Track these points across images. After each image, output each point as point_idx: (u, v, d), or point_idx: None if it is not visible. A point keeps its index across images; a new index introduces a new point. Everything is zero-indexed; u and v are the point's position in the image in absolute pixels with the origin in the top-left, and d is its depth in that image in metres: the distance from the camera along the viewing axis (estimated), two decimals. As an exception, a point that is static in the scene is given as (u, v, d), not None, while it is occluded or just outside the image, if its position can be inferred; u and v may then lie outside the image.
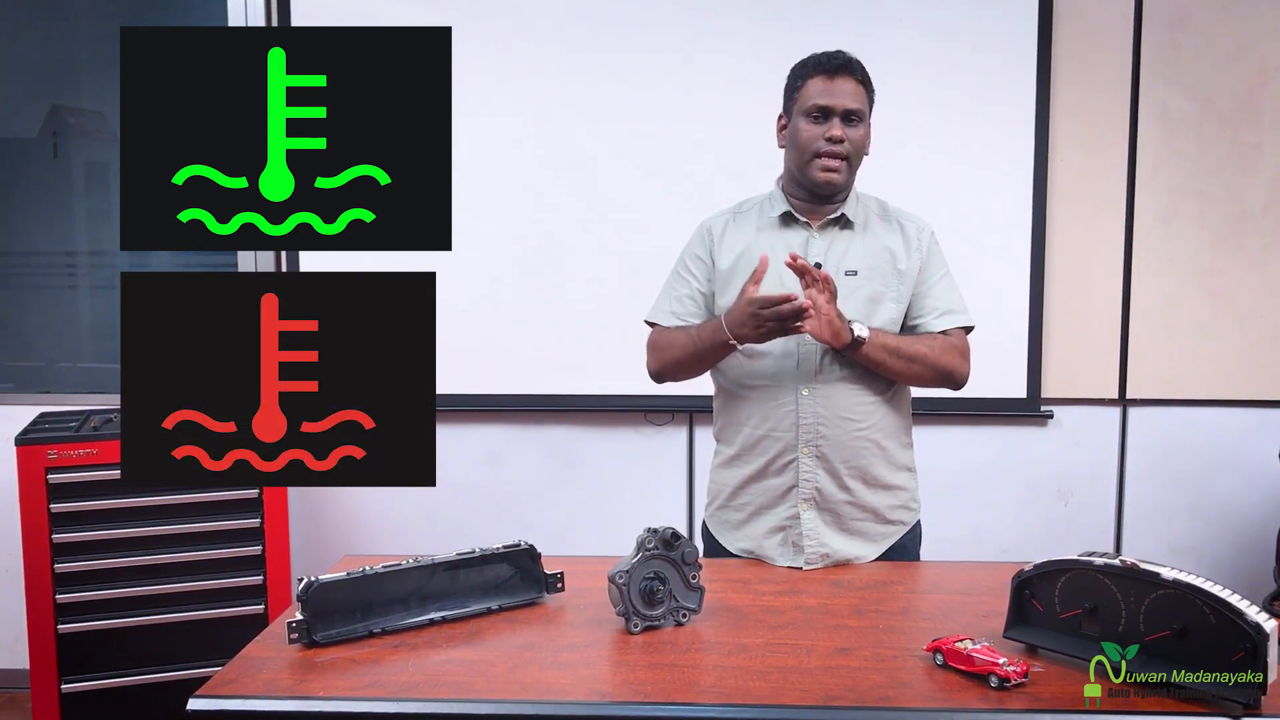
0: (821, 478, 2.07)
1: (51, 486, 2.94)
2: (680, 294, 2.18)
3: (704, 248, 2.18)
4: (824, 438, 2.06)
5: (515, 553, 1.84)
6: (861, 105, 2.07)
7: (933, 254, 2.16)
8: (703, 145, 3.45)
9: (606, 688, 1.51)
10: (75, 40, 3.81)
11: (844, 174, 2.07)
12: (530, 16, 3.44)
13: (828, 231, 2.12)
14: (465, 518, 3.59)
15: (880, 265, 2.11)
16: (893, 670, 1.52)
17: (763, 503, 2.11)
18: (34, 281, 3.81)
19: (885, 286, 2.10)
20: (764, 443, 2.09)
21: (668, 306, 2.19)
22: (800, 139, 2.07)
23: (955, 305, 2.17)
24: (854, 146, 2.07)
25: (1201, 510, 3.59)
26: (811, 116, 2.05)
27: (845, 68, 2.06)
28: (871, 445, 2.09)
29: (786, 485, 2.08)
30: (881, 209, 2.20)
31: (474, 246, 3.47)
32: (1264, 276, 3.47)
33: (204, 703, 1.44)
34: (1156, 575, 1.44)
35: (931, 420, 3.54)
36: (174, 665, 3.02)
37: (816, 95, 2.05)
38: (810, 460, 2.06)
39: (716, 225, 2.19)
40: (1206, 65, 3.42)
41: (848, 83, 2.05)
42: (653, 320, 2.21)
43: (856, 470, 2.08)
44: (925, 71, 3.42)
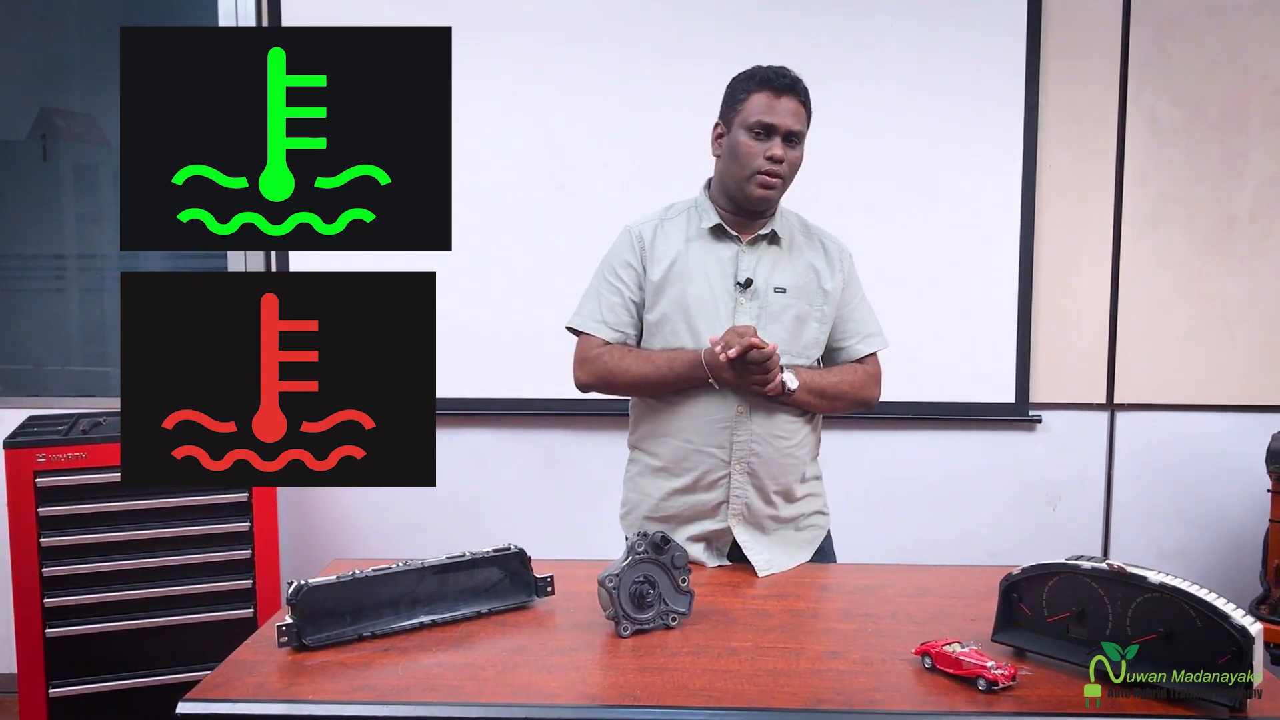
0: (751, 494, 2.09)
1: (40, 490, 2.93)
2: (612, 302, 2.15)
3: (635, 255, 2.15)
4: (756, 456, 2.07)
5: (505, 556, 1.84)
6: (802, 127, 2.07)
7: (851, 275, 2.20)
8: (696, 149, 3.43)
9: (596, 691, 1.51)
10: (65, 43, 3.80)
11: (779, 192, 2.08)
12: (528, 17, 3.44)
13: (757, 247, 2.12)
14: (455, 522, 3.59)
15: (806, 284, 2.12)
16: (881, 673, 1.53)
17: (690, 515, 2.12)
18: (23, 284, 3.80)
19: (811, 306, 2.12)
20: (694, 457, 2.08)
21: (598, 315, 2.15)
22: (740, 153, 2.06)
23: (874, 328, 2.21)
24: (790, 167, 2.07)
25: (1189, 514, 3.60)
26: (754, 132, 2.04)
27: (791, 88, 2.05)
28: (796, 463, 2.12)
29: (717, 500, 2.09)
30: (803, 225, 2.21)
31: (463, 249, 3.45)
32: (1251, 281, 3.49)
33: (193, 706, 1.44)
34: (1144, 579, 1.45)
35: (920, 425, 3.55)
36: (163, 669, 3.00)
37: (761, 111, 2.04)
38: (741, 478, 2.08)
39: (646, 232, 2.17)
40: (1194, 72, 3.45)
41: (792, 102, 2.04)
42: (581, 328, 2.17)
43: (782, 486, 2.10)
44: (914, 76, 3.43)
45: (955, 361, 3.52)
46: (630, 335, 2.15)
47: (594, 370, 2.14)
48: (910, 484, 3.58)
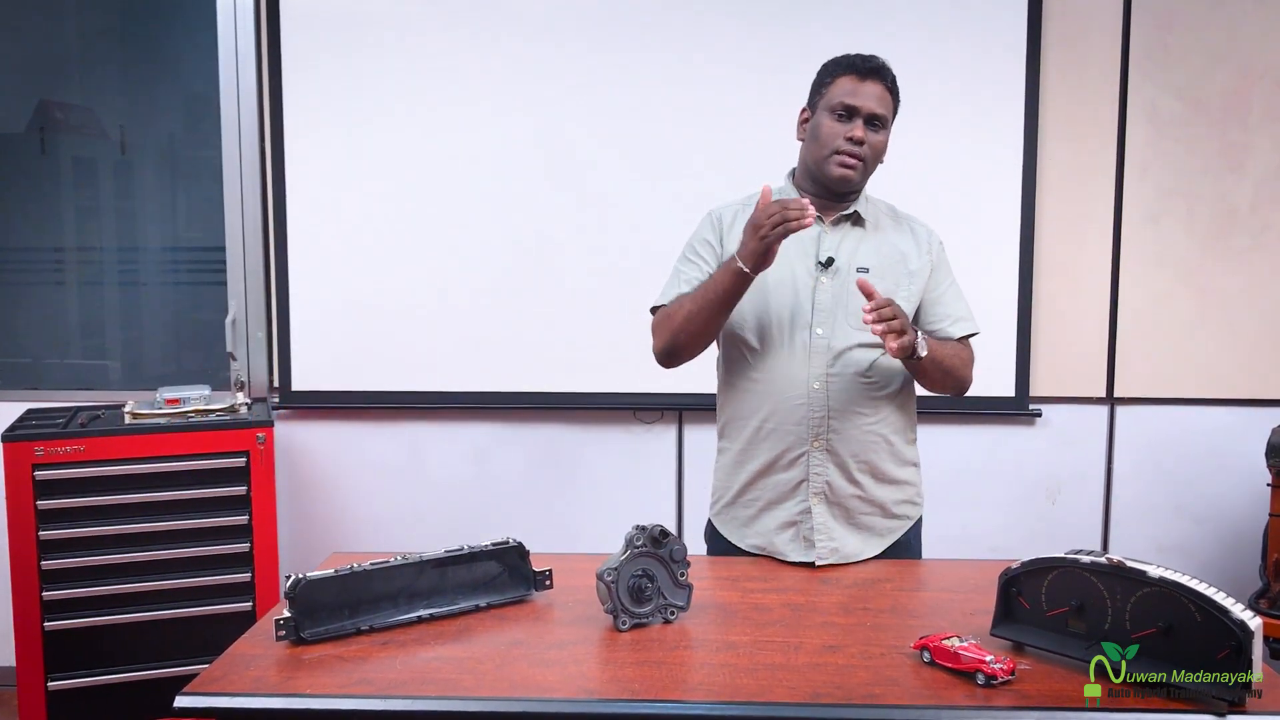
0: (831, 472, 2.07)
1: (38, 483, 2.93)
2: (690, 277, 2.12)
3: (714, 234, 2.15)
4: (835, 432, 2.05)
5: (504, 550, 1.83)
6: (886, 111, 2.07)
7: (941, 260, 2.18)
8: (694, 144, 3.45)
9: (594, 685, 1.51)
10: (64, 35, 3.79)
11: (859, 174, 2.07)
12: (526, 16, 3.43)
13: (839, 227, 2.12)
14: (454, 515, 3.59)
15: (892, 264, 2.11)
16: (880, 668, 1.53)
17: (772, 497, 2.10)
18: (22, 277, 3.79)
19: (896, 285, 2.10)
20: (773, 437, 2.08)
21: (675, 290, 2.12)
22: (822, 134, 2.06)
23: (966, 313, 2.19)
24: (873, 150, 2.07)
25: (1188, 508, 3.60)
26: (836, 114, 2.05)
27: (877, 72, 2.05)
28: (880, 440, 2.10)
29: (796, 479, 2.08)
30: (892, 212, 2.21)
31: (463, 244, 3.46)
32: (1251, 275, 3.49)
33: (191, 700, 1.44)
34: (1143, 573, 1.45)
35: (919, 419, 3.54)
36: (161, 662, 3.00)
37: (844, 94, 2.04)
38: (820, 454, 2.06)
39: (726, 214, 2.17)
40: (1195, 65, 3.44)
41: (876, 87, 2.05)
42: (661, 303, 2.14)
43: (865, 465, 2.08)
44: (915, 70, 3.39)
45: (955, 355, 3.51)
46: None
47: (658, 329, 2.11)
48: (910, 478, 3.57)
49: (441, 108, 3.44)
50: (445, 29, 3.42)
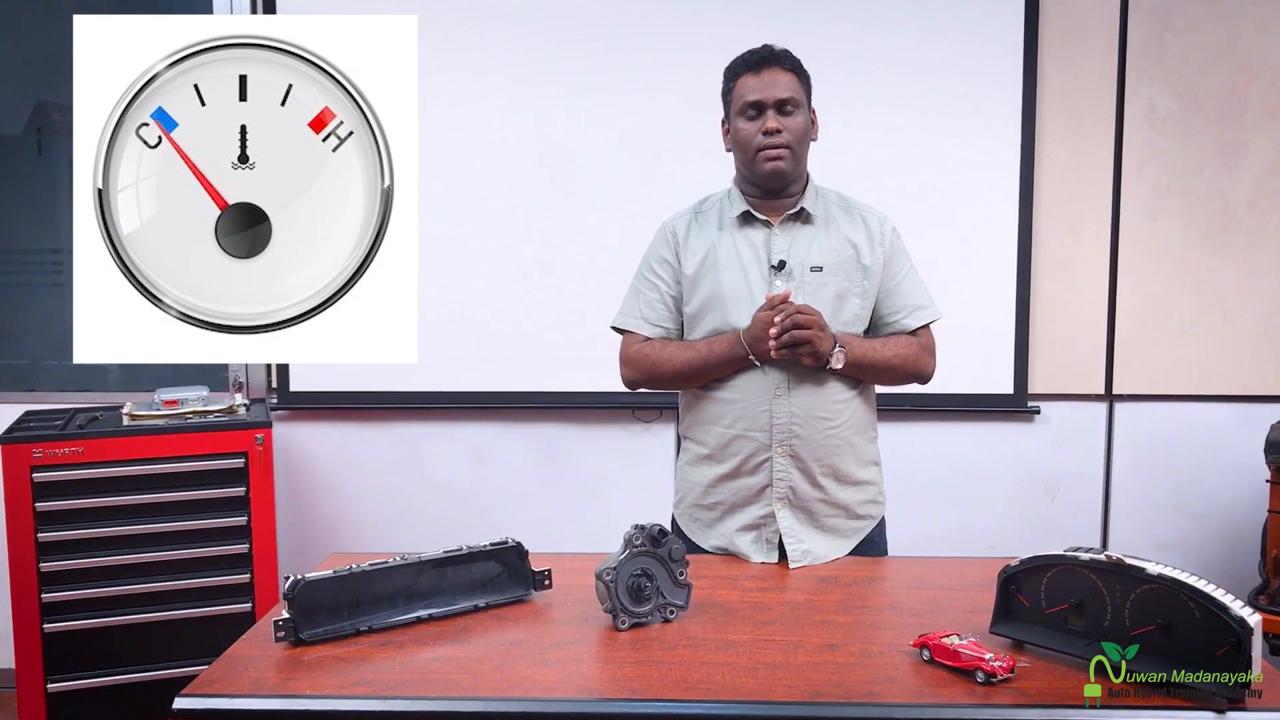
0: (795, 477, 2.07)
1: (37, 485, 2.92)
2: (650, 299, 2.17)
3: (669, 250, 2.17)
4: (797, 437, 2.05)
5: (502, 550, 1.83)
6: (793, 93, 2.07)
7: (896, 248, 2.17)
8: (690, 142, 3.44)
9: (594, 685, 1.51)
10: (60, 36, 3.78)
11: (789, 162, 2.07)
12: (524, 16, 3.43)
13: (788, 228, 2.12)
14: (452, 515, 3.58)
15: (844, 261, 2.10)
16: (879, 666, 1.52)
17: (736, 501, 2.11)
18: (19, 279, 3.78)
19: (850, 283, 2.10)
20: (737, 443, 2.08)
21: (638, 312, 2.17)
22: (741, 138, 2.09)
23: (924, 300, 2.18)
24: (794, 135, 2.06)
25: (1187, 505, 3.60)
26: (746, 115, 2.07)
27: (770, 59, 2.07)
28: (843, 443, 2.10)
29: (760, 484, 2.08)
30: (843, 202, 2.20)
31: (460, 244, 3.46)
32: (1248, 272, 3.49)
33: (190, 701, 1.44)
34: (1142, 570, 1.45)
35: (918, 417, 3.55)
36: (160, 664, 3.00)
37: (747, 93, 2.07)
38: (784, 460, 2.06)
39: (680, 226, 2.18)
40: (1192, 63, 3.44)
41: (775, 73, 2.06)
42: (624, 327, 2.19)
43: (829, 468, 2.09)
44: (912, 68, 3.42)
45: (953, 352, 3.48)
46: (671, 330, 2.16)
47: (638, 366, 2.16)
48: (908, 476, 3.56)
49: (441, 107, 3.43)
50: (445, 29, 3.41)
